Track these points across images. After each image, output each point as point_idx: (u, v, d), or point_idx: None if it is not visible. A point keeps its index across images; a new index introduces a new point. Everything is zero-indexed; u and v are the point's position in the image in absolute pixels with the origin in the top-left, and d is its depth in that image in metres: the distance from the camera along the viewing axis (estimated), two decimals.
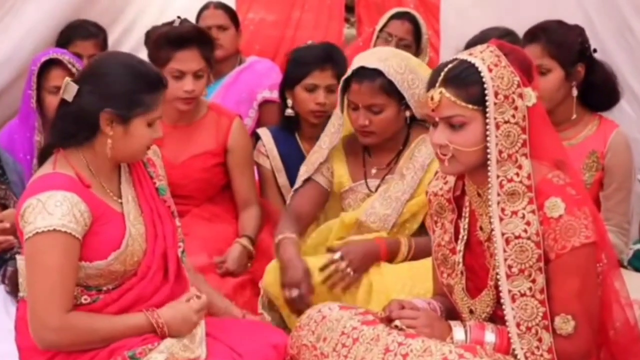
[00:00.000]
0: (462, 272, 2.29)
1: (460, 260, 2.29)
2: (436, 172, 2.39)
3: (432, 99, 2.19)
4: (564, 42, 3.02)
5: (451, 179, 2.35)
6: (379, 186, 2.98)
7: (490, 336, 2.20)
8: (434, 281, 2.43)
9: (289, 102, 3.41)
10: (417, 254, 2.85)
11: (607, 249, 2.24)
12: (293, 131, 3.50)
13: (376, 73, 2.87)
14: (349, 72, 2.92)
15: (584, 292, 2.13)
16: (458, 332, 2.22)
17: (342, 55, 3.42)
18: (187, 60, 3.23)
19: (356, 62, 2.91)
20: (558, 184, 2.15)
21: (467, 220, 2.28)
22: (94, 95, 2.31)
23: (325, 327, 2.34)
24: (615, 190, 3.10)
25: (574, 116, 3.07)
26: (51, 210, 2.24)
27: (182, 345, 2.29)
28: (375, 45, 4.21)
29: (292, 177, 3.44)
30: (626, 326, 2.25)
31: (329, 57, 3.35)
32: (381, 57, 2.91)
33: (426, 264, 2.68)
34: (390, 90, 2.88)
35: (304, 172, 3.06)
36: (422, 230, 2.93)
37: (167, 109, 2.77)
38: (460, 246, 2.30)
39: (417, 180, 2.94)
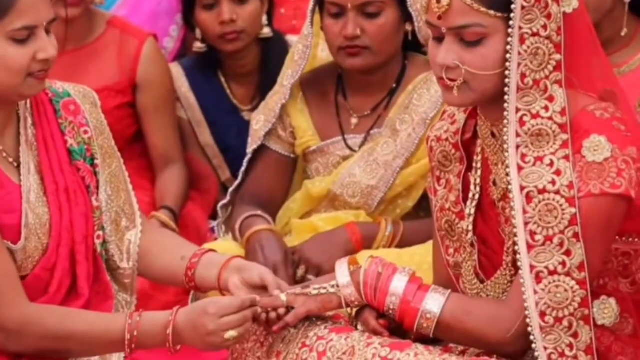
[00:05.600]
0: (472, 244, 2.33)
1: (471, 227, 2.33)
2: (443, 112, 2.41)
3: (438, 1, 2.18)
4: None
5: (461, 119, 2.37)
6: (362, 144, 3.01)
7: (400, 281, 2.23)
8: (434, 267, 2.47)
9: (198, 32, 3.44)
10: (408, 241, 2.90)
11: None
12: (214, 68, 3.51)
13: None
14: None
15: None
16: (341, 271, 2.27)
17: None
18: None
19: None
20: (603, 117, 2.20)
21: (479, 172, 2.33)
22: None
23: (279, 337, 2.35)
24: None
25: (624, 31, 3.04)
26: None
27: None
28: None
29: (218, 133, 3.48)
30: None
31: None
32: None
33: (422, 249, 2.73)
34: None
35: (261, 123, 3.06)
36: (419, 211, 2.98)
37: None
38: (470, 208, 2.33)
39: (415, 139, 2.95)
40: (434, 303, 2.21)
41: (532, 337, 2.14)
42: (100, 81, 3.26)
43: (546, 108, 2.16)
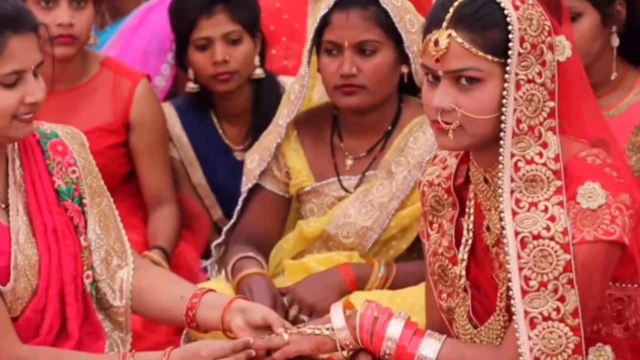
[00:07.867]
0: (465, 289, 2.34)
1: (464, 272, 2.34)
2: (434, 157, 2.43)
3: (436, 44, 2.18)
4: None
5: (452, 163, 2.38)
6: (357, 186, 3.00)
7: (396, 326, 2.23)
8: (427, 311, 2.47)
9: (190, 72, 3.46)
10: (400, 283, 2.89)
11: None
12: (207, 107, 3.52)
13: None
14: (328, 3, 2.93)
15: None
16: (336, 314, 2.26)
17: None
18: None
19: None
20: (595, 164, 2.21)
21: (472, 218, 2.33)
22: None
23: None
24: None
25: (614, 75, 3.07)
26: None
27: None
28: None
29: (210, 173, 3.48)
30: None
31: None
32: None
33: (415, 291, 2.73)
34: (387, 24, 2.92)
35: (255, 162, 3.06)
36: (412, 252, 2.97)
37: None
38: (463, 253, 2.33)
39: (410, 181, 2.95)
40: (429, 348, 2.21)
41: None
42: (93, 121, 3.26)
43: (540, 154, 2.17)
